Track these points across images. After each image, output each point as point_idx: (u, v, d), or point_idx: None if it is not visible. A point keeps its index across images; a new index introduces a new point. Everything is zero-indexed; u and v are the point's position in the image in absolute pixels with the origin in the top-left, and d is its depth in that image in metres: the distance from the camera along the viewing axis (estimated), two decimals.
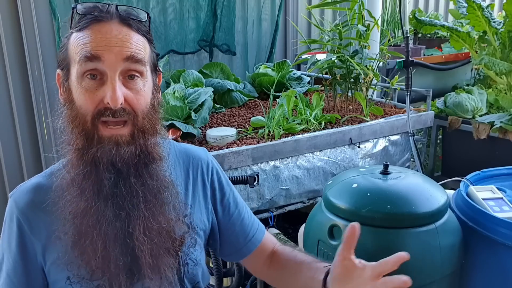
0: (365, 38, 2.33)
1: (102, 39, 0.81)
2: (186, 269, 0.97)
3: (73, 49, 0.83)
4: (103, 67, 0.81)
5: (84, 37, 0.82)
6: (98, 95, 0.82)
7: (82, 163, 0.83)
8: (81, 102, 0.82)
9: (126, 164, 0.84)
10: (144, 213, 0.86)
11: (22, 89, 2.70)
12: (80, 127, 0.83)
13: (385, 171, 1.11)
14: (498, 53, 2.65)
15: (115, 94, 0.81)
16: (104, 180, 0.83)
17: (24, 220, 0.89)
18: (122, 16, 0.84)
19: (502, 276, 1.04)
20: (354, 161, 2.11)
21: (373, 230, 1.00)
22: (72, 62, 0.84)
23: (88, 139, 0.83)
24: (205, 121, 2.11)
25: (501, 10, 3.10)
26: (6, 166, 2.73)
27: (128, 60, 0.82)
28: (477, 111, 2.54)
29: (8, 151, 2.72)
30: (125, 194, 0.85)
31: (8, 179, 2.76)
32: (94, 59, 0.80)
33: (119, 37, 0.82)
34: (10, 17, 2.60)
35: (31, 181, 0.92)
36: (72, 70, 0.84)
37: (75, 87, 0.83)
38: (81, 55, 0.81)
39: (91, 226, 0.83)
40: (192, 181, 1.03)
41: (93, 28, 0.82)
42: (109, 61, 0.81)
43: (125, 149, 0.83)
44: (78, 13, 0.84)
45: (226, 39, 3.34)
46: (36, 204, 0.89)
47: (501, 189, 1.19)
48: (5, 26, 2.58)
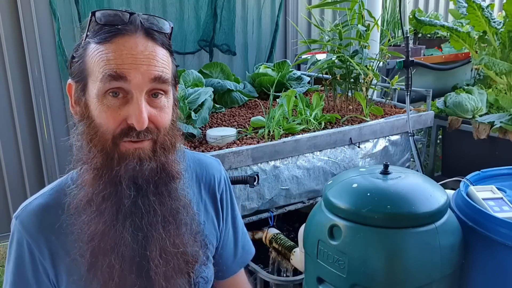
0: (365, 38, 2.33)
1: (128, 55, 0.76)
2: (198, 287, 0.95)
3: (93, 63, 0.77)
4: (128, 87, 0.76)
5: (107, 52, 0.76)
6: (121, 114, 0.77)
7: (102, 183, 0.79)
8: (102, 120, 0.77)
9: (147, 180, 0.81)
10: (162, 234, 0.84)
11: (22, 89, 2.71)
12: (100, 146, 0.78)
13: (385, 171, 1.11)
14: (498, 53, 2.65)
15: (141, 117, 0.76)
16: (123, 199, 0.79)
17: (35, 245, 0.84)
18: (146, 28, 0.79)
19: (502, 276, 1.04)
20: (354, 161, 2.11)
21: (373, 230, 1.00)
22: (91, 77, 0.78)
23: (108, 158, 0.79)
24: (205, 121, 2.11)
25: (501, 10, 3.10)
26: (6, 166, 2.73)
27: (155, 81, 0.78)
28: (477, 111, 2.54)
29: (8, 151, 2.72)
30: (144, 212, 0.81)
31: (8, 179, 2.76)
32: (120, 78, 0.75)
33: (145, 54, 0.77)
34: (10, 17, 2.60)
35: (37, 202, 0.86)
36: (91, 85, 0.78)
37: (95, 104, 0.78)
38: (104, 73, 0.75)
39: (109, 248, 0.80)
40: (204, 195, 1.01)
41: (116, 42, 0.77)
42: (135, 81, 0.76)
43: (147, 165, 0.80)
44: (98, 23, 0.78)
45: (226, 39, 3.35)
46: (46, 227, 0.84)
47: (501, 189, 1.19)
48: (5, 26, 2.58)
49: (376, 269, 0.99)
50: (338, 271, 1.03)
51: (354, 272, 1.00)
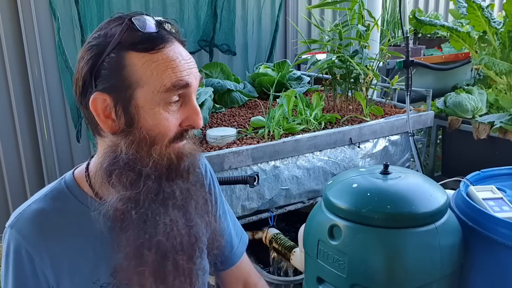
0: (365, 38, 2.33)
1: (183, 62, 0.79)
2: (197, 279, 0.95)
3: (147, 73, 0.76)
4: (188, 92, 0.80)
5: (164, 62, 0.76)
6: (178, 118, 0.81)
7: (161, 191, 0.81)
8: (162, 127, 0.79)
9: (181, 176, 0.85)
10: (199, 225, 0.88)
11: (22, 89, 2.71)
12: (157, 154, 0.79)
13: (385, 171, 1.11)
14: (498, 53, 2.65)
15: (200, 116, 0.82)
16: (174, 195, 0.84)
17: (35, 252, 0.82)
18: (175, 34, 0.83)
19: (502, 276, 1.04)
20: (354, 161, 2.11)
21: (373, 230, 1.00)
22: (143, 87, 0.76)
23: (167, 162, 0.81)
24: (205, 121, 2.11)
25: (501, 10, 3.10)
26: (6, 166, 2.73)
27: (200, 81, 0.84)
28: (477, 111, 2.54)
29: (8, 151, 2.72)
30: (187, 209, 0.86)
31: (8, 179, 2.76)
32: (185, 86, 0.79)
33: (190, 58, 0.82)
34: (10, 17, 2.60)
35: (32, 207, 0.84)
36: (141, 95, 0.77)
37: (154, 113, 0.77)
38: (173, 83, 0.76)
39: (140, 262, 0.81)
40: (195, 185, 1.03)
41: (167, 50, 0.78)
42: (194, 86, 0.81)
43: (195, 158, 0.86)
44: (139, 30, 0.77)
45: (226, 39, 3.34)
46: (45, 232, 0.82)
47: (501, 189, 1.19)
48: (5, 26, 2.59)
49: (376, 269, 0.99)
50: (338, 271, 1.03)
51: (354, 272, 1.00)
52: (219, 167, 1.74)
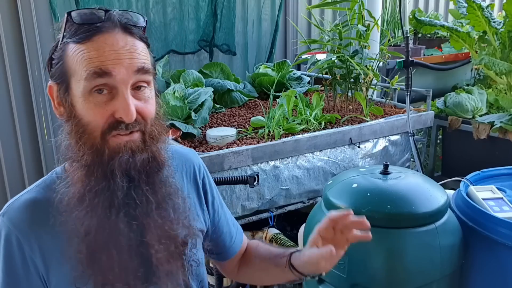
0: (365, 38, 2.33)
1: (111, 52, 0.78)
2: (191, 270, 0.97)
3: (75, 63, 0.79)
4: (113, 82, 0.78)
5: (88, 51, 0.78)
6: (108, 109, 0.79)
7: (93, 179, 0.80)
8: (90, 118, 0.79)
9: (139, 171, 0.83)
10: (157, 220, 0.85)
11: (22, 89, 2.70)
12: (89, 143, 0.80)
13: (385, 171, 1.11)
14: (498, 53, 2.65)
15: (129, 110, 0.79)
16: (116, 191, 0.81)
17: (25, 241, 0.83)
18: (123, 24, 0.81)
19: (502, 276, 1.04)
20: (354, 161, 2.11)
21: (373, 230, 1.00)
22: (74, 76, 0.80)
23: (98, 154, 0.80)
24: (205, 121, 2.11)
25: (501, 10, 3.10)
26: (6, 166, 2.73)
27: (139, 72, 0.80)
28: (477, 111, 2.54)
29: (8, 151, 2.72)
30: (138, 203, 0.83)
31: (8, 179, 2.76)
32: (104, 74, 0.77)
33: (126, 49, 0.79)
34: (10, 17, 2.60)
35: (24, 197, 0.86)
36: (74, 85, 0.80)
37: (81, 103, 0.79)
38: (89, 71, 0.77)
39: (105, 241, 0.81)
40: (186, 184, 1.03)
41: (97, 40, 0.78)
42: (120, 76, 0.78)
43: (139, 156, 0.82)
44: (75, 23, 0.79)
45: (226, 39, 3.34)
46: (36, 222, 0.83)
47: (501, 189, 1.19)
48: (5, 26, 2.58)
49: (376, 269, 0.99)
50: (338, 271, 1.03)
51: (354, 272, 1.00)
52: (219, 167, 1.74)
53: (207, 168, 1.12)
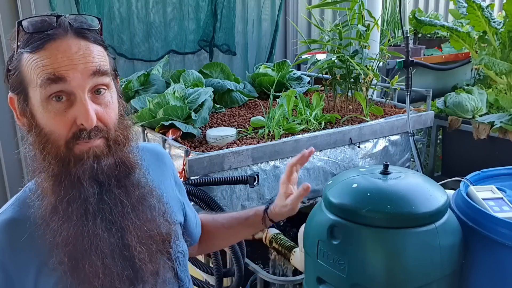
0: (365, 38, 2.33)
1: (63, 58, 0.76)
2: (178, 262, 0.97)
3: (30, 72, 0.77)
4: (69, 88, 0.77)
5: (42, 59, 0.76)
6: (69, 117, 0.78)
7: (63, 188, 0.79)
8: (52, 127, 0.78)
9: (107, 176, 0.82)
10: (136, 222, 0.85)
11: None
12: (53, 152, 0.79)
13: (385, 171, 1.11)
14: (498, 53, 2.65)
15: (89, 115, 0.77)
16: (88, 198, 0.80)
17: (8, 262, 0.81)
18: (76, 28, 0.79)
19: (502, 276, 1.04)
20: (354, 161, 2.11)
21: (373, 230, 1.00)
22: (30, 86, 0.78)
23: (64, 163, 0.79)
24: (205, 121, 2.11)
25: (501, 10, 3.10)
26: (6, 166, 2.73)
27: (95, 75, 0.79)
28: (477, 111, 2.54)
29: (8, 151, 2.72)
30: (112, 206, 0.82)
31: (8, 179, 2.76)
32: (58, 80, 0.76)
33: (80, 54, 0.78)
34: (10, 17, 2.60)
35: (1, 218, 0.83)
36: (32, 94, 0.79)
37: (40, 112, 0.78)
38: (43, 78, 0.75)
39: (86, 249, 0.80)
40: (163, 179, 1.03)
41: (49, 47, 0.77)
42: (75, 81, 0.77)
43: (104, 161, 0.81)
44: (27, 32, 0.78)
45: (226, 39, 3.35)
46: (17, 241, 0.81)
47: (501, 189, 1.19)
48: (5, 26, 2.58)
49: (376, 269, 0.99)
50: (338, 271, 1.03)
51: (354, 272, 1.00)
52: (219, 167, 1.74)
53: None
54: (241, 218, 1.18)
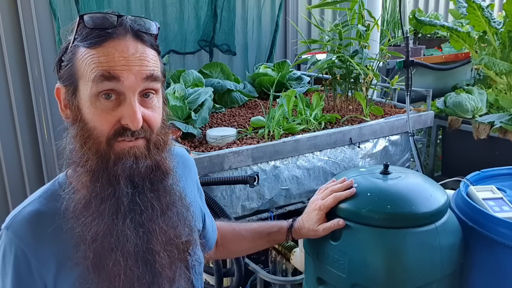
0: (365, 38, 2.33)
1: (120, 58, 0.78)
2: (194, 271, 0.97)
3: (84, 66, 0.78)
4: (121, 88, 0.78)
5: (98, 56, 0.77)
6: (114, 115, 0.79)
7: (99, 184, 0.80)
8: (96, 123, 0.79)
9: (143, 178, 0.82)
10: (163, 227, 0.86)
11: (22, 89, 2.70)
12: (94, 148, 0.79)
13: (385, 171, 1.11)
14: (498, 53, 2.65)
15: (136, 117, 0.78)
16: (122, 197, 0.80)
17: (32, 254, 0.82)
18: (135, 31, 0.80)
19: (502, 276, 1.04)
20: (354, 161, 2.11)
21: (373, 230, 1.00)
22: (82, 80, 0.79)
23: (103, 160, 0.80)
24: (205, 121, 2.11)
25: (501, 10, 3.10)
26: (6, 166, 2.73)
27: (147, 80, 0.80)
28: (477, 111, 2.54)
29: (8, 151, 2.72)
30: (143, 209, 0.83)
31: (8, 179, 2.76)
32: (112, 79, 0.77)
33: (136, 56, 0.79)
34: (10, 17, 2.60)
35: (28, 209, 0.84)
36: (82, 88, 0.79)
37: (87, 107, 0.79)
38: (97, 73, 0.77)
39: (112, 247, 0.81)
40: (192, 187, 1.05)
41: (107, 45, 0.78)
42: (128, 82, 0.78)
43: (142, 163, 0.82)
44: (87, 27, 0.79)
45: (226, 39, 3.35)
46: (41, 233, 0.82)
47: (501, 189, 1.19)
48: (5, 26, 2.58)
49: (376, 269, 0.99)
50: (338, 271, 1.03)
51: (354, 272, 1.00)
52: (219, 167, 1.74)
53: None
54: (264, 232, 1.18)
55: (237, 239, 1.22)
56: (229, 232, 1.22)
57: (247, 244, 1.21)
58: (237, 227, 1.23)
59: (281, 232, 1.15)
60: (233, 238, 1.22)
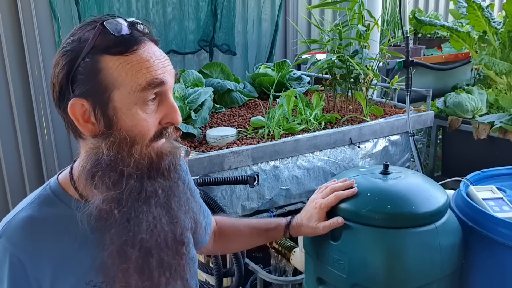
0: (365, 38, 2.33)
1: (157, 61, 0.80)
2: (189, 269, 0.97)
3: (123, 75, 0.77)
4: (164, 89, 0.81)
5: (138, 62, 0.78)
6: (157, 117, 0.82)
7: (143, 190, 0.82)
8: (141, 127, 0.80)
9: (169, 171, 0.86)
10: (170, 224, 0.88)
11: (22, 89, 2.70)
12: (138, 154, 0.81)
13: (385, 171, 1.11)
14: (498, 53, 2.65)
15: (179, 113, 0.84)
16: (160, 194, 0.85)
17: (26, 259, 0.81)
18: (146, 33, 0.82)
19: (502, 276, 1.04)
20: (354, 161, 2.11)
21: (373, 230, 1.01)
22: (120, 88, 0.77)
23: (148, 163, 0.82)
24: (205, 121, 2.11)
25: (501, 10, 3.10)
26: (6, 166, 2.73)
27: (176, 77, 0.85)
28: (477, 111, 2.54)
29: (8, 151, 2.72)
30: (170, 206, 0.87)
31: (8, 179, 2.76)
32: (161, 84, 0.80)
33: (163, 57, 0.82)
34: (10, 17, 2.60)
35: (20, 215, 0.83)
36: (119, 97, 0.78)
37: (131, 114, 0.79)
38: (147, 82, 0.78)
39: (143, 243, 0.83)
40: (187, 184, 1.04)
41: (139, 51, 0.78)
42: (169, 83, 0.82)
43: (176, 156, 0.87)
44: (113, 34, 0.77)
45: (226, 39, 3.35)
46: (36, 239, 0.82)
47: (501, 189, 1.19)
48: (5, 26, 2.58)
49: (376, 269, 0.99)
50: (338, 271, 1.03)
51: (354, 272, 1.00)
52: (219, 167, 1.74)
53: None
54: (262, 229, 1.19)
55: (236, 234, 1.23)
56: (228, 226, 1.23)
57: (245, 239, 1.22)
58: (236, 222, 1.24)
59: (278, 229, 1.16)
60: (232, 233, 1.23)
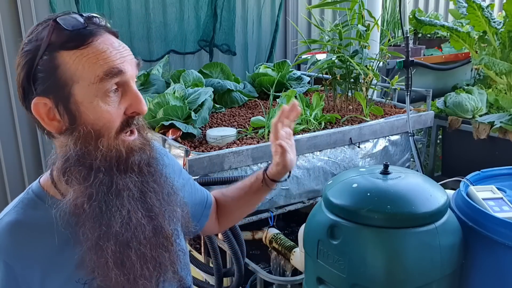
0: (365, 38, 2.33)
1: (114, 52, 0.79)
2: (179, 260, 0.97)
3: (81, 68, 0.77)
4: (125, 79, 0.81)
5: (94, 54, 0.77)
6: (121, 107, 0.81)
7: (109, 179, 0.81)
8: (105, 120, 0.79)
9: (148, 165, 0.86)
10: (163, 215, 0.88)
11: None
12: (105, 146, 0.80)
13: (385, 171, 1.11)
14: (498, 53, 2.65)
15: (143, 101, 0.82)
16: (133, 188, 0.83)
17: (14, 262, 0.82)
18: (103, 25, 0.82)
19: (502, 276, 1.04)
20: (354, 161, 2.11)
21: (373, 230, 1.00)
22: (79, 83, 0.77)
23: (116, 155, 0.81)
24: (205, 121, 2.11)
25: (501, 10, 3.10)
26: (6, 166, 2.73)
27: (137, 66, 0.84)
28: (477, 111, 2.54)
29: (8, 151, 2.72)
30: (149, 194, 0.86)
31: (8, 179, 2.76)
32: (120, 73, 0.79)
33: (122, 47, 0.82)
34: (10, 17, 2.60)
35: (5, 220, 0.83)
36: (79, 91, 0.78)
37: (93, 108, 0.78)
38: (105, 72, 0.77)
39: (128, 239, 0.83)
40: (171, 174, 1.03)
41: (95, 44, 0.78)
42: (129, 72, 0.81)
43: (148, 152, 0.86)
44: (67, 30, 0.77)
45: (226, 39, 3.35)
46: (22, 242, 0.82)
47: (501, 189, 1.19)
48: (5, 26, 2.59)
49: (376, 269, 0.99)
50: (338, 271, 1.03)
51: (354, 272, 1.00)
52: (219, 167, 1.74)
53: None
54: (246, 186, 1.18)
55: (228, 204, 1.23)
56: (221, 200, 1.23)
57: (237, 204, 1.22)
58: (225, 191, 1.24)
59: (258, 178, 1.15)
60: (226, 203, 1.23)
